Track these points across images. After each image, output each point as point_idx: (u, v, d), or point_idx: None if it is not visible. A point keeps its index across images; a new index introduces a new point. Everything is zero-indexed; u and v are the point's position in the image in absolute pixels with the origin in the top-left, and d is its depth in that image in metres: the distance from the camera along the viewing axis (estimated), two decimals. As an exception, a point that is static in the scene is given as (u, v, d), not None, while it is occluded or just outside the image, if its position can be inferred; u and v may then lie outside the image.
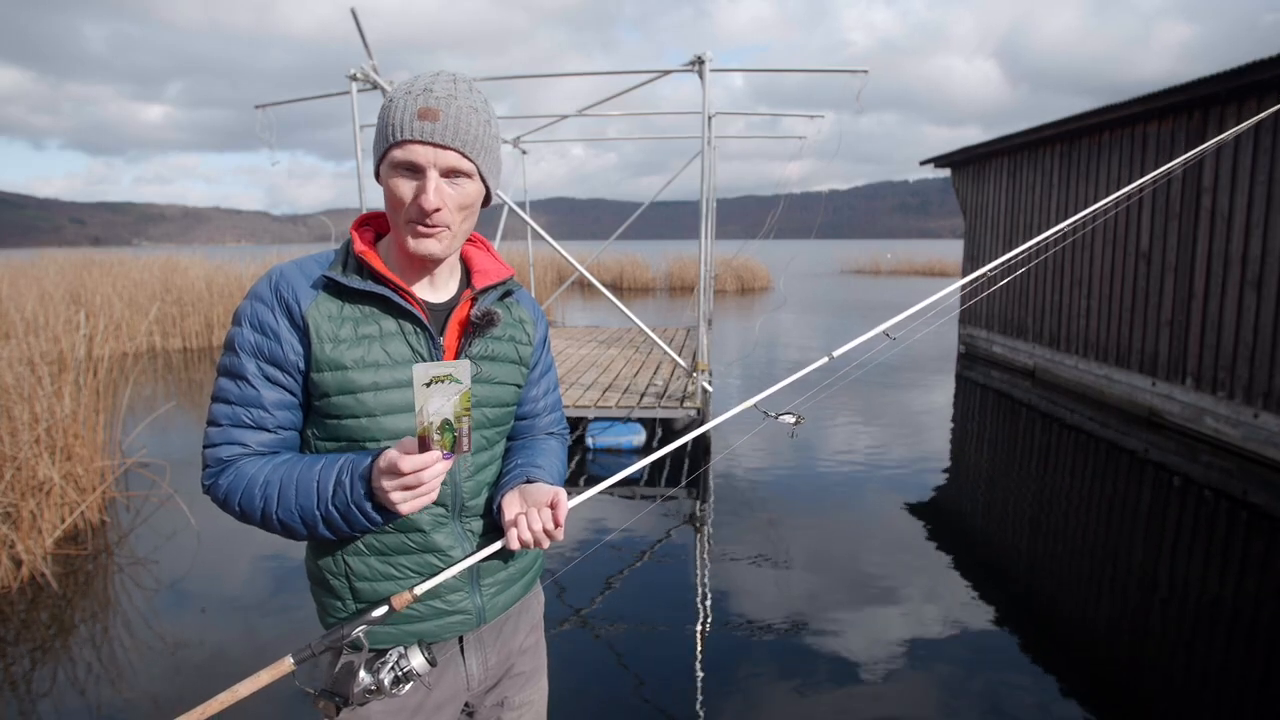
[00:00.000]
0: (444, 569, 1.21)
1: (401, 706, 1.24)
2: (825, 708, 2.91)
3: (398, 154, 1.09)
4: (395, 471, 1.03)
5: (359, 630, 1.14)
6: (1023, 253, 1.53)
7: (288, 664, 1.10)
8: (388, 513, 1.10)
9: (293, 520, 1.12)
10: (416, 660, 1.19)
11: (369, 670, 1.17)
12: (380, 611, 1.15)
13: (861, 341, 1.52)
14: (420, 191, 1.09)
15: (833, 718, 2.86)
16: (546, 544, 1.19)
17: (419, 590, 1.17)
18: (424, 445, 1.02)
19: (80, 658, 3.33)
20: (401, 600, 1.15)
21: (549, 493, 1.20)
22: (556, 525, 1.18)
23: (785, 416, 1.39)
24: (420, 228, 1.12)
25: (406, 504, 1.06)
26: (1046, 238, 1.59)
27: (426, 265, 1.20)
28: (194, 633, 3.52)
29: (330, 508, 1.10)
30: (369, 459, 1.09)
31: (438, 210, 1.10)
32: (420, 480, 1.04)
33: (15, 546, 4.04)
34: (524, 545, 1.18)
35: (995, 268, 1.49)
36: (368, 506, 1.09)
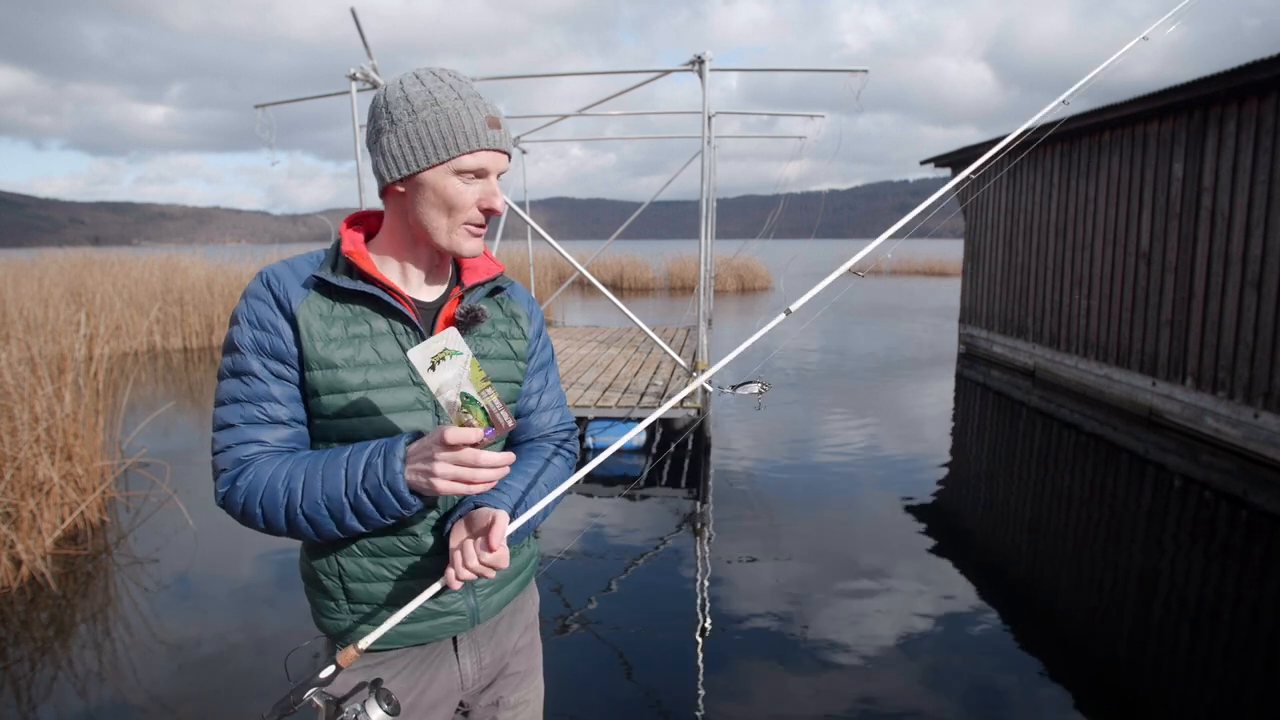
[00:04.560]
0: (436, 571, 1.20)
1: (395, 707, 1.24)
2: (825, 707, 2.91)
3: (469, 160, 1.13)
4: (444, 443, 1.02)
5: (310, 693, 1.06)
6: (1005, 146, 1.47)
7: None
8: (419, 496, 1.08)
9: (318, 512, 1.08)
10: (375, 715, 1.09)
11: None
12: (328, 672, 1.07)
13: (827, 284, 1.37)
14: (487, 194, 1.16)
15: (833, 717, 2.86)
16: (492, 575, 1.09)
17: (362, 645, 1.09)
18: None
19: (80, 658, 3.33)
20: (347, 657, 1.08)
21: (488, 516, 1.12)
22: (491, 550, 1.07)
23: (748, 386, 1.31)
24: (475, 228, 1.17)
25: (448, 484, 1.04)
26: (1025, 130, 1.48)
27: (434, 264, 1.25)
28: (194, 632, 3.52)
29: (360, 491, 1.06)
30: (404, 439, 1.08)
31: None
32: (477, 461, 1.03)
33: (15, 546, 4.04)
34: (465, 580, 1.09)
35: (954, 186, 1.40)
36: (401, 486, 1.05)
